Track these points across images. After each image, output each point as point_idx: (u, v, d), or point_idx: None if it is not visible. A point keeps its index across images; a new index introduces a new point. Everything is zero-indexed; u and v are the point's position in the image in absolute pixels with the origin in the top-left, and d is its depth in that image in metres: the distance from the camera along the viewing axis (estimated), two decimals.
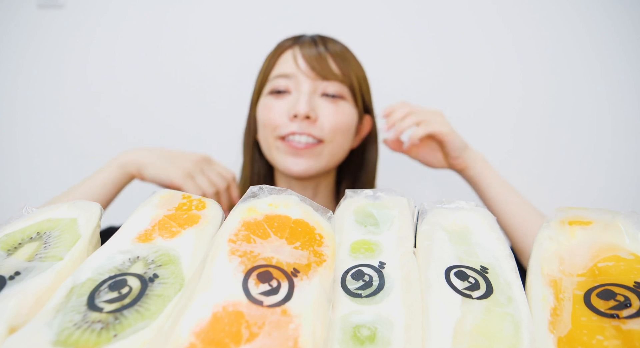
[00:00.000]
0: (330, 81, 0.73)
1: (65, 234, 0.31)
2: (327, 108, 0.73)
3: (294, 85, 0.74)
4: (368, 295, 0.28)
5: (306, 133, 0.72)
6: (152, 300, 0.25)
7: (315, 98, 0.73)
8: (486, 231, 0.33)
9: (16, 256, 0.29)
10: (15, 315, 0.24)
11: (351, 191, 0.38)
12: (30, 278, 0.27)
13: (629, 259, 0.28)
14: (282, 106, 0.74)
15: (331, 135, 0.73)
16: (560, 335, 0.25)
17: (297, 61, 0.74)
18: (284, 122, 0.73)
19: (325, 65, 0.74)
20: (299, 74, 0.74)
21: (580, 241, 0.30)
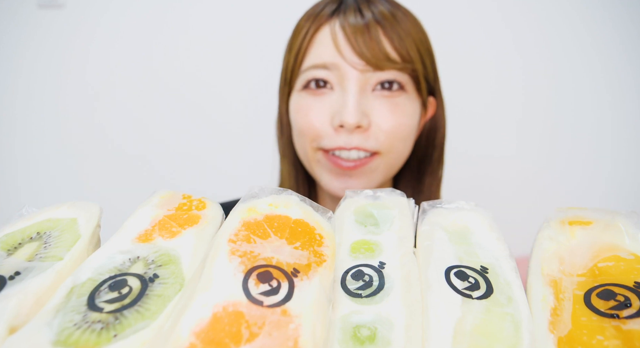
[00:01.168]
0: (386, 70, 0.54)
1: (65, 234, 0.31)
2: (383, 109, 0.55)
3: (336, 78, 0.55)
4: (368, 295, 0.28)
5: (357, 148, 0.55)
6: (152, 300, 0.25)
7: (367, 96, 0.55)
8: (486, 231, 0.33)
9: (16, 256, 0.29)
10: (16, 315, 0.24)
11: (351, 192, 0.38)
12: (30, 278, 0.27)
13: (629, 259, 0.28)
14: (322, 108, 0.56)
15: (389, 144, 0.56)
16: (560, 335, 0.25)
17: (338, 45, 0.54)
18: (327, 132, 0.56)
19: (378, 48, 0.53)
20: (342, 63, 0.54)
21: (581, 241, 0.30)
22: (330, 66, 0.55)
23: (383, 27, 0.55)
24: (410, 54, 0.55)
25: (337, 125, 0.54)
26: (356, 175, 0.57)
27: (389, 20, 0.55)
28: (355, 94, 0.54)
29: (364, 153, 0.56)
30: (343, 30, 0.54)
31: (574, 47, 1.02)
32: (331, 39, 0.55)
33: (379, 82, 0.55)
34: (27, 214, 0.34)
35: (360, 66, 0.54)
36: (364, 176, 0.57)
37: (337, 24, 0.55)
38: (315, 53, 0.56)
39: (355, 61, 0.54)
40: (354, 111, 0.53)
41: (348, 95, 0.54)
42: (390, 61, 0.54)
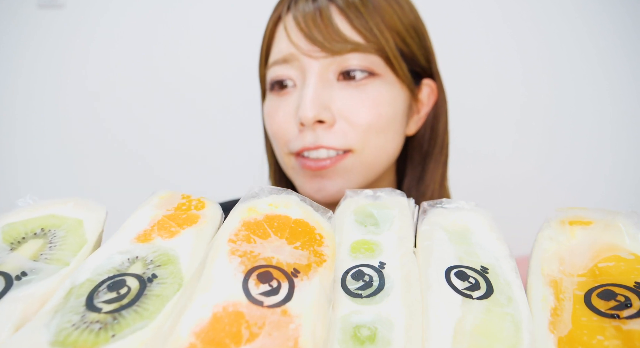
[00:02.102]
0: (345, 55, 0.47)
1: (70, 236, 0.31)
2: (350, 100, 0.48)
3: (297, 72, 0.50)
4: (368, 295, 0.28)
5: (322, 146, 0.49)
6: (151, 300, 0.25)
7: (331, 86, 0.49)
8: (486, 231, 0.33)
9: (20, 253, 0.29)
10: (22, 318, 0.24)
11: (351, 191, 0.38)
12: (37, 281, 0.27)
13: (630, 259, 0.28)
14: (286, 108, 0.51)
15: (361, 140, 0.49)
16: (560, 335, 0.25)
17: (290, 35, 0.48)
18: (293, 133, 0.50)
19: (332, 30, 0.47)
20: (298, 54, 0.48)
21: (581, 241, 0.30)
22: (289, 59, 0.49)
23: (339, 7, 0.48)
24: (375, 32, 0.48)
25: (299, 123, 0.49)
26: (329, 176, 0.50)
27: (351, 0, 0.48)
28: (313, 86, 0.47)
29: (333, 152, 0.49)
30: (295, 20, 0.49)
31: (574, 47, 1.02)
32: (284, 30, 0.50)
33: (340, 70, 0.48)
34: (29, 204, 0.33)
35: (315, 53, 0.47)
36: (337, 177, 0.50)
37: (289, 15, 0.50)
38: (276, 49, 0.51)
39: (310, 48, 0.47)
40: (310, 105, 0.46)
41: (305, 88, 0.48)
42: (348, 43, 0.46)
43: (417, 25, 0.53)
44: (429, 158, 0.59)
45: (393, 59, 0.49)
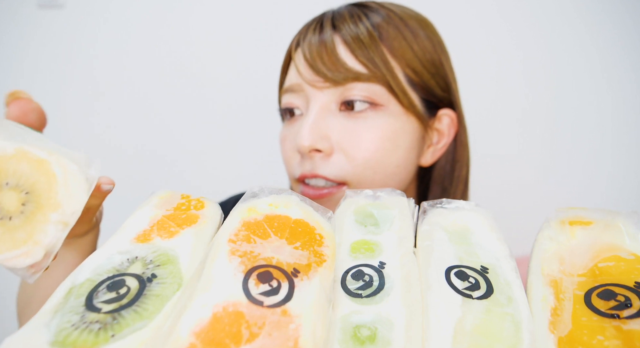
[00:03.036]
0: (346, 84, 0.47)
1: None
2: (349, 131, 0.48)
3: (303, 101, 0.51)
4: (368, 295, 0.28)
5: (318, 175, 0.48)
6: (150, 300, 0.25)
7: (331, 116, 0.49)
8: (486, 231, 0.33)
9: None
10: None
11: (351, 191, 0.38)
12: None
13: (630, 259, 0.28)
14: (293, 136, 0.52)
15: (355, 173, 0.48)
16: (560, 335, 0.25)
17: (298, 65, 0.50)
18: (296, 160, 0.51)
19: (335, 59, 0.47)
20: (303, 84, 0.50)
21: (581, 241, 0.30)
22: (295, 88, 0.51)
23: (343, 39, 0.48)
24: (376, 62, 0.47)
25: (298, 151, 0.49)
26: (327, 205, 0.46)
27: (350, 26, 0.48)
28: (312, 115, 0.48)
29: (329, 182, 0.49)
30: (302, 51, 0.50)
31: (575, 48, 1.02)
32: (294, 62, 0.52)
33: (342, 100, 0.48)
34: None
35: (319, 83, 0.48)
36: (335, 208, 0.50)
37: (299, 47, 0.52)
38: (287, 78, 0.53)
39: (314, 78, 0.48)
40: (306, 134, 0.47)
41: (305, 117, 0.49)
42: (349, 72, 0.46)
43: (433, 53, 0.52)
44: (448, 192, 0.58)
45: (396, 87, 0.48)
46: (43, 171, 0.28)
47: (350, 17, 0.50)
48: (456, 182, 0.57)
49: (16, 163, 0.27)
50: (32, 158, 0.28)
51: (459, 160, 0.57)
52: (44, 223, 0.27)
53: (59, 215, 0.28)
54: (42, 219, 0.27)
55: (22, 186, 0.27)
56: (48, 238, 0.27)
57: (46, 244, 0.27)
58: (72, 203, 0.29)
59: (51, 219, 0.27)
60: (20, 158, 0.28)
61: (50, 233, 0.27)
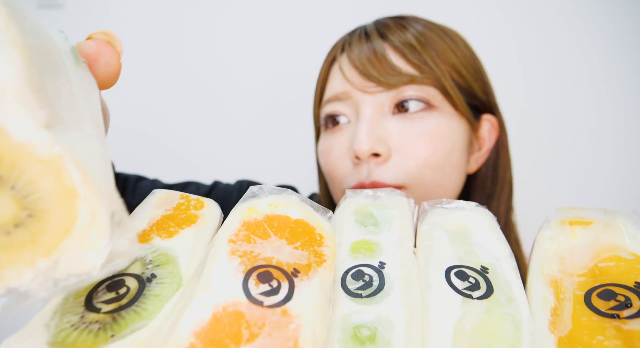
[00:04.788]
0: (400, 87, 0.47)
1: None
2: (405, 132, 0.47)
3: (351, 109, 0.50)
4: (368, 295, 0.28)
5: (376, 182, 0.47)
6: (150, 300, 0.25)
7: (386, 120, 0.48)
8: (486, 231, 0.33)
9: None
10: None
11: (351, 191, 0.38)
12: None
13: (630, 259, 0.28)
14: (340, 145, 0.50)
15: (415, 176, 0.47)
16: (560, 335, 0.25)
17: (344, 73, 0.50)
18: (348, 170, 0.50)
19: (385, 63, 0.47)
20: (352, 90, 0.49)
21: (581, 241, 0.30)
22: (342, 96, 0.50)
23: (392, 45, 0.49)
24: (430, 64, 0.48)
25: (353, 157, 0.48)
26: None
27: (397, 33, 0.49)
28: (367, 119, 0.47)
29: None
30: (349, 58, 0.50)
31: (573, 47, 1.02)
32: (339, 70, 0.51)
33: (395, 103, 0.48)
34: None
35: (370, 88, 0.48)
36: None
37: (344, 56, 0.52)
38: (329, 89, 0.52)
39: (364, 84, 0.48)
40: (365, 137, 0.45)
41: (359, 122, 0.48)
42: (403, 76, 0.47)
43: (472, 59, 0.53)
44: (492, 198, 0.57)
45: (450, 89, 0.48)
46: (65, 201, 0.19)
47: (395, 26, 0.51)
48: (500, 186, 0.56)
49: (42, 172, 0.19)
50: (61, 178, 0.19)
51: (502, 164, 0.56)
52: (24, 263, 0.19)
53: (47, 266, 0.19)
54: (26, 256, 0.19)
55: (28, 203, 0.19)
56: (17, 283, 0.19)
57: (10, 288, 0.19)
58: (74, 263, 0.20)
59: (36, 264, 0.19)
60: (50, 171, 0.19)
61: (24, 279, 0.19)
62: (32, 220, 0.19)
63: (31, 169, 0.19)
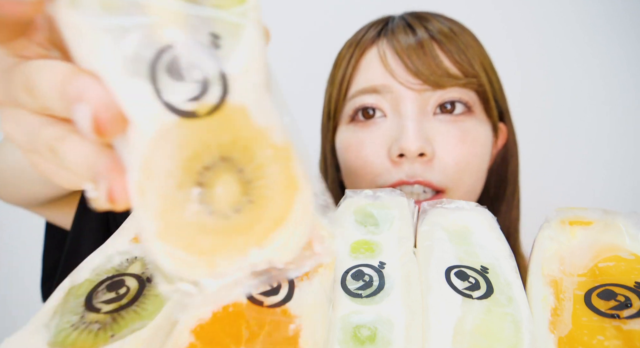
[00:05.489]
0: (447, 88, 0.46)
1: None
2: (449, 136, 0.46)
3: (390, 103, 0.48)
4: (368, 295, 0.28)
5: (421, 182, 0.46)
6: (150, 300, 0.25)
7: (428, 120, 0.47)
8: (486, 231, 0.33)
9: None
10: None
11: (351, 191, 0.38)
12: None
13: (630, 259, 0.28)
14: (376, 140, 0.48)
15: (457, 180, 0.47)
16: (560, 335, 0.25)
17: (388, 65, 0.47)
18: (385, 166, 0.47)
19: (435, 63, 0.46)
20: (395, 84, 0.47)
21: (581, 241, 0.30)
22: (381, 89, 0.47)
23: (439, 42, 0.47)
24: (475, 68, 0.47)
25: (396, 155, 0.45)
26: None
27: (445, 34, 0.48)
28: (413, 117, 0.45)
29: (430, 191, 0.47)
30: (393, 49, 0.47)
31: (571, 45, 1.02)
32: (379, 60, 0.48)
33: (439, 103, 0.47)
34: None
35: (416, 85, 0.46)
36: None
37: (384, 43, 0.48)
38: (363, 78, 0.49)
39: (410, 80, 0.46)
40: (414, 136, 0.44)
41: (406, 119, 0.46)
42: (451, 77, 0.46)
43: (494, 67, 0.53)
44: (500, 202, 0.57)
45: (490, 95, 0.48)
46: (286, 191, 0.19)
47: (434, 19, 0.50)
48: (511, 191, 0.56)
49: (272, 158, 0.18)
50: (289, 167, 0.19)
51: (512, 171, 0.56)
52: (237, 250, 0.18)
53: (256, 256, 0.18)
54: (240, 244, 0.18)
55: (252, 189, 0.18)
56: (227, 270, 0.18)
57: (217, 273, 0.18)
58: (279, 256, 0.19)
59: (248, 253, 0.18)
60: (280, 158, 0.18)
61: (233, 267, 0.18)
62: (252, 207, 0.18)
63: (263, 154, 0.18)
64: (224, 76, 0.17)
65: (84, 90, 0.16)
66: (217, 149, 0.17)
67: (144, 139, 0.17)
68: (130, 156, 0.17)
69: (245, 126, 0.18)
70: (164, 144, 0.17)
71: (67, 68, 0.17)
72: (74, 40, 0.17)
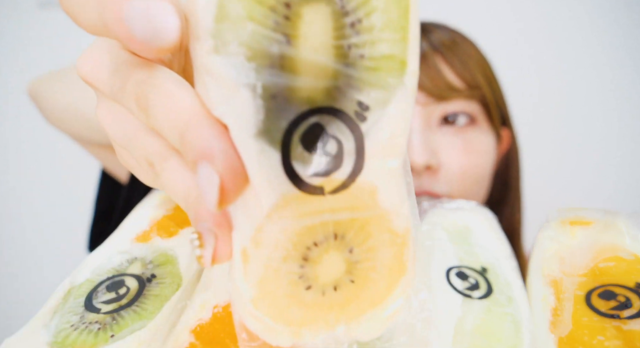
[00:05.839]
0: (451, 101, 0.47)
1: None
2: (453, 147, 0.47)
3: None
4: None
5: (427, 192, 0.47)
6: (150, 300, 0.25)
7: (433, 132, 0.48)
8: (486, 231, 0.33)
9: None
10: None
11: None
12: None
13: (630, 259, 0.28)
14: None
15: (462, 189, 0.48)
16: (561, 335, 0.25)
17: None
18: None
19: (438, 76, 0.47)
20: None
21: (581, 241, 0.30)
22: None
23: (442, 54, 0.48)
24: (477, 80, 0.48)
25: None
26: None
27: (448, 46, 0.48)
28: (419, 130, 0.46)
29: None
30: None
31: (582, 46, 1.02)
32: None
33: (443, 115, 0.47)
34: None
35: (420, 98, 0.46)
36: None
37: None
38: None
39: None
40: (420, 149, 0.44)
41: (411, 132, 0.46)
42: (454, 90, 0.46)
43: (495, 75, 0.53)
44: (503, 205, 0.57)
45: (492, 107, 0.49)
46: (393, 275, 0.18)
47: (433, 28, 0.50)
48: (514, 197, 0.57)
49: (387, 243, 0.18)
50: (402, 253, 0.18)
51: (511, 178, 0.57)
52: (325, 324, 0.18)
53: (343, 332, 0.18)
54: (330, 319, 0.18)
55: (357, 270, 0.18)
56: (309, 342, 0.18)
57: (297, 344, 0.18)
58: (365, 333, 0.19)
59: (335, 329, 0.18)
60: (396, 244, 0.18)
61: (317, 339, 0.18)
62: (352, 286, 0.18)
63: (379, 238, 0.17)
64: (361, 153, 0.16)
65: (210, 146, 0.14)
66: (332, 226, 0.17)
67: (262, 208, 0.15)
68: (242, 218, 0.16)
69: (369, 207, 0.17)
70: (281, 216, 0.16)
71: (194, 108, 0.15)
72: (210, 83, 0.15)
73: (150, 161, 0.17)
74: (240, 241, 0.16)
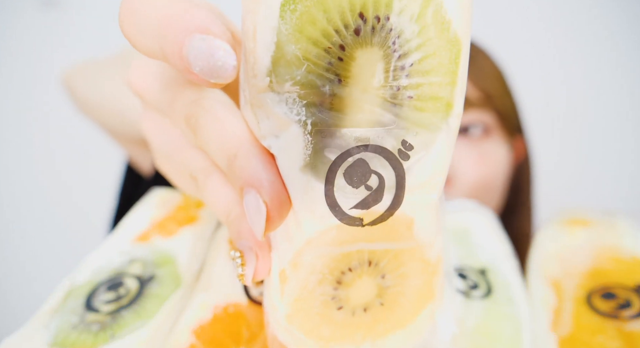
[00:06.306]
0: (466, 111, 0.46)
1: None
2: (467, 158, 0.47)
3: None
4: None
5: None
6: (149, 300, 0.25)
7: None
8: (487, 231, 0.33)
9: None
10: None
11: None
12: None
13: (631, 260, 0.28)
14: None
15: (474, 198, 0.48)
16: (561, 335, 0.25)
17: None
18: None
19: None
20: None
21: (582, 241, 0.30)
22: None
23: None
24: (491, 89, 0.47)
25: None
26: None
27: None
28: None
29: None
30: None
31: (586, 46, 1.02)
32: None
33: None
34: None
35: None
36: None
37: None
38: None
39: None
40: None
41: None
42: (468, 100, 0.46)
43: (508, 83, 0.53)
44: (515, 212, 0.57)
45: (507, 117, 0.49)
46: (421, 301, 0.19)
47: None
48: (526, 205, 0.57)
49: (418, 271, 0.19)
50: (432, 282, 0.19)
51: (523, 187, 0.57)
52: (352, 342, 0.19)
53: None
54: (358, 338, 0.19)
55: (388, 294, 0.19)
56: None
57: None
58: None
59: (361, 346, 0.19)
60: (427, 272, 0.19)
61: None
62: (381, 309, 0.19)
63: (411, 266, 0.18)
64: (401, 188, 0.16)
65: (259, 176, 0.15)
66: (367, 254, 0.17)
67: (303, 235, 0.16)
68: (282, 241, 0.17)
69: (405, 238, 0.17)
70: (320, 244, 0.17)
71: (244, 135, 0.15)
72: (261, 115, 0.15)
73: (194, 175, 0.18)
74: (279, 262, 0.17)
